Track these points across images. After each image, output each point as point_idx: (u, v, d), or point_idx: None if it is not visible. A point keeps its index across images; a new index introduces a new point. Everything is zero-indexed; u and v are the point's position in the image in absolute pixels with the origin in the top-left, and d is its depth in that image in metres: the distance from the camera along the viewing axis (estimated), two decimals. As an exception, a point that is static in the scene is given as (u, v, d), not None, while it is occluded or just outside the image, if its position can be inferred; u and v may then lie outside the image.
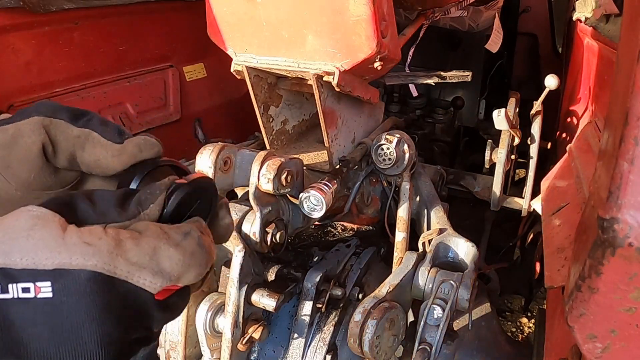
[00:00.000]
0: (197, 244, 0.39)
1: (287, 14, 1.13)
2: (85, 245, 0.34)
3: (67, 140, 0.45)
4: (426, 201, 1.35)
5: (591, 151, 1.19)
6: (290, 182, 1.09)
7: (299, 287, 1.16)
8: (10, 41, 1.53)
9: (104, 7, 1.75)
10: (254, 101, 1.31)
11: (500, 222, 2.11)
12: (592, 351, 0.58)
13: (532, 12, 2.75)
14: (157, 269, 0.36)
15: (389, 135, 1.27)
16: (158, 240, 0.37)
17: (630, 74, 0.47)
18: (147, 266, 0.36)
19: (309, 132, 1.53)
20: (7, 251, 0.34)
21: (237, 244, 1.05)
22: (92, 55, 1.79)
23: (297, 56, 1.19)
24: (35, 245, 0.34)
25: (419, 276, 1.04)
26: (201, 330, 1.10)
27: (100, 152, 0.45)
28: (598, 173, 0.56)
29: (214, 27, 1.26)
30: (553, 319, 1.13)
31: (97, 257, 0.34)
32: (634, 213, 0.46)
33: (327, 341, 1.13)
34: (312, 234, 1.52)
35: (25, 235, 0.34)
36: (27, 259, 0.34)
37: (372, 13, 1.05)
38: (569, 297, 0.58)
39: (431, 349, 0.95)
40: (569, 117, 1.74)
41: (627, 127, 0.46)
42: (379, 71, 1.21)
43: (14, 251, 0.34)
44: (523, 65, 2.83)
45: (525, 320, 2.59)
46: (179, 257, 0.37)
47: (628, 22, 0.55)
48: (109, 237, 0.35)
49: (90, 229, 0.35)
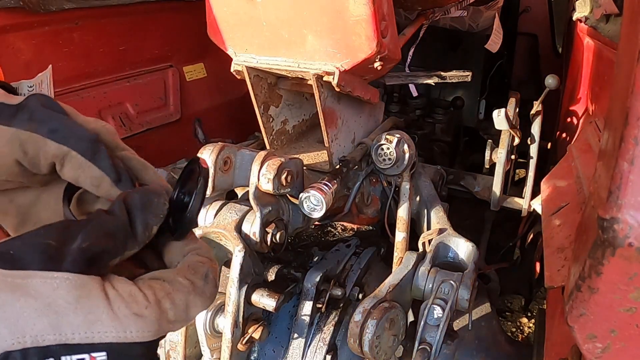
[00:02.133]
0: (214, 285, 0.42)
1: (287, 14, 1.13)
2: (136, 317, 0.36)
3: (45, 159, 0.43)
4: (426, 201, 1.35)
5: (591, 151, 1.19)
6: (290, 182, 1.09)
7: (299, 287, 1.16)
8: (10, 41, 1.53)
9: (104, 7, 1.75)
10: (254, 101, 1.31)
11: (500, 222, 2.10)
12: (592, 351, 0.58)
13: (532, 12, 2.75)
14: (187, 319, 0.40)
15: (389, 135, 1.27)
16: (188, 294, 0.39)
17: (630, 74, 0.47)
18: (182, 320, 0.39)
19: (309, 132, 1.53)
20: (56, 325, 0.33)
21: (237, 244, 1.05)
22: (92, 55, 1.79)
23: (297, 56, 1.19)
24: (86, 320, 0.34)
25: (419, 276, 1.04)
26: (201, 330, 1.10)
27: (80, 174, 0.44)
28: (598, 173, 0.56)
29: (214, 27, 1.26)
30: (553, 319, 1.13)
31: (148, 328, 0.36)
32: (634, 213, 0.46)
33: (327, 341, 1.13)
34: (312, 234, 1.52)
35: (73, 310, 0.34)
36: (81, 334, 0.34)
37: (372, 13, 1.05)
38: (569, 297, 0.58)
39: (431, 349, 0.95)
40: (569, 117, 1.74)
41: (627, 127, 0.46)
42: (379, 71, 1.21)
43: (63, 325, 0.33)
44: (523, 65, 2.83)
45: (525, 320, 2.59)
46: (203, 303, 0.41)
47: (628, 22, 0.55)
48: (151, 303, 0.37)
49: (130, 293, 0.36)
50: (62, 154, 0.43)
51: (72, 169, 0.43)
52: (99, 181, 0.43)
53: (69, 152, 0.43)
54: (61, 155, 0.43)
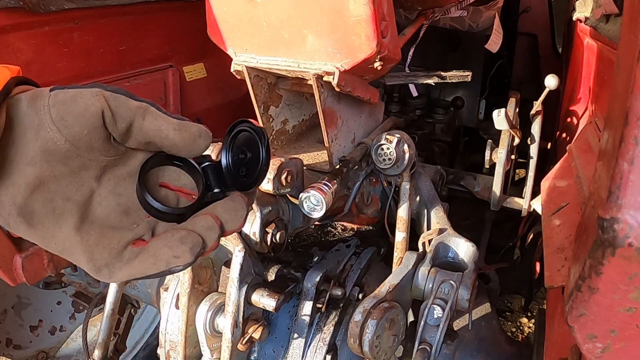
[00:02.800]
0: None
1: (287, 14, 1.13)
2: None
3: (128, 110, 0.47)
4: (426, 201, 1.35)
5: (591, 151, 1.19)
6: (290, 182, 1.09)
7: (299, 287, 1.16)
8: (10, 41, 1.52)
9: (104, 7, 1.75)
10: (254, 101, 1.31)
11: (500, 222, 2.11)
12: (592, 351, 0.58)
13: (532, 12, 2.75)
14: None
15: (389, 135, 1.27)
16: None
17: (630, 74, 0.47)
18: None
19: (309, 132, 1.53)
20: None
21: (237, 244, 1.05)
22: (92, 55, 1.79)
23: (297, 56, 1.19)
24: None
25: (419, 276, 1.04)
26: (201, 330, 1.10)
27: (162, 122, 0.48)
28: (598, 173, 0.56)
29: (214, 27, 1.26)
30: (553, 319, 1.13)
31: None
32: (634, 213, 0.46)
33: (327, 341, 1.13)
34: (312, 234, 1.52)
35: None
36: None
37: (372, 13, 1.05)
38: (569, 297, 0.58)
39: (431, 349, 0.95)
40: (569, 117, 1.74)
41: (627, 127, 0.46)
42: (379, 71, 1.21)
43: None
44: (523, 65, 2.83)
45: (525, 320, 2.59)
46: None
47: (628, 22, 0.55)
48: None
49: None
50: (144, 107, 0.48)
51: (153, 118, 0.48)
52: (180, 127, 0.48)
53: (149, 106, 0.48)
54: (144, 107, 0.48)
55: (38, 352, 1.91)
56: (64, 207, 0.48)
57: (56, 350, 1.97)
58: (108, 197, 0.50)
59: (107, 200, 0.50)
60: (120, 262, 0.49)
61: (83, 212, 0.49)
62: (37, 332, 1.93)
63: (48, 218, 0.47)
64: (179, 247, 0.48)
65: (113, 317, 1.41)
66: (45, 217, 0.47)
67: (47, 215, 0.47)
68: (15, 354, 1.84)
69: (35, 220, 0.47)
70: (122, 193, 0.51)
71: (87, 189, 0.49)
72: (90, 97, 0.46)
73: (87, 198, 0.49)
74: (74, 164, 0.48)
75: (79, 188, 0.49)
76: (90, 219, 0.49)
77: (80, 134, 0.46)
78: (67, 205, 0.48)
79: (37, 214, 0.47)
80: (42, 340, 1.94)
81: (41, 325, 1.95)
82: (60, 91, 0.46)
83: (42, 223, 0.47)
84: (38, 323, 1.94)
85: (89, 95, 0.46)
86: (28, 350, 1.89)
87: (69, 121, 0.45)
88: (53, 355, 1.95)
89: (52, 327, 1.98)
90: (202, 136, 0.49)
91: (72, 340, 2.01)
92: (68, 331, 2.02)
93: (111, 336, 1.44)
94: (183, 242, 0.48)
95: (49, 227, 0.48)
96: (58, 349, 1.98)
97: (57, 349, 1.98)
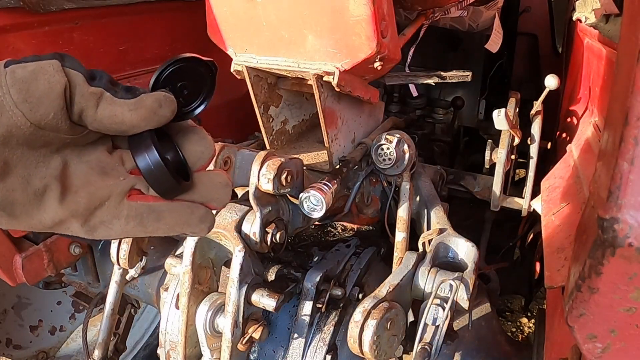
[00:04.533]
0: None
1: (287, 14, 1.13)
2: None
3: (81, 96, 0.45)
4: (426, 201, 1.35)
5: (591, 151, 1.19)
6: (290, 182, 1.09)
7: (299, 287, 1.16)
8: (10, 41, 1.52)
9: (104, 7, 1.75)
10: (254, 101, 1.31)
11: (500, 222, 2.10)
12: (592, 351, 0.58)
13: (532, 12, 2.75)
14: None
15: (389, 135, 1.27)
16: None
17: (630, 74, 0.47)
18: None
19: (309, 132, 1.53)
20: None
21: (237, 244, 1.05)
22: (92, 55, 1.79)
23: (297, 56, 1.19)
24: None
25: (419, 276, 1.04)
26: (201, 330, 1.10)
27: (116, 108, 0.46)
28: (598, 173, 0.56)
29: (214, 27, 1.26)
30: (553, 319, 1.13)
31: None
32: (634, 213, 0.46)
33: (327, 341, 1.13)
34: (312, 234, 1.52)
35: None
36: None
37: (372, 13, 1.05)
38: (569, 297, 0.58)
39: (431, 349, 0.95)
40: (569, 117, 1.74)
41: (627, 127, 0.46)
42: (379, 71, 1.21)
43: None
44: (523, 65, 2.83)
45: (525, 320, 2.59)
46: None
47: (628, 22, 0.55)
48: None
49: None
50: (98, 93, 0.46)
51: (107, 105, 0.46)
52: (135, 105, 0.47)
53: (103, 92, 0.46)
54: (98, 93, 0.46)
55: (38, 352, 1.91)
56: (44, 187, 0.46)
57: (56, 350, 1.97)
58: (78, 165, 0.49)
59: (79, 167, 0.48)
60: (117, 218, 0.48)
61: (63, 184, 0.47)
62: (37, 332, 1.93)
63: (31, 203, 0.46)
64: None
65: (113, 317, 1.41)
66: (29, 204, 0.45)
67: (30, 201, 0.45)
68: (15, 354, 1.84)
69: (18, 211, 0.45)
70: (88, 159, 0.49)
71: (57, 161, 0.47)
72: (53, 73, 0.43)
73: (62, 170, 0.47)
74: (36, 143, 0.45)
75: (49, 163, 0.47)
76: (73, 189, 0.48)
77: (47, 116, 0.43)
78: (45, 182, 0.46)
79: (19, 203, 0.45)
80: (42, 340, 1.95)
81: (41, 325, 1.95)
82: (17, 66, 0.42)
83: (26, 212, 0.46)
84: (38, 323, 1.94)
85: (51, 70, 0.43)
86: (28, 350, 1.89)
87: (33, 103, 0.42)
88: (53, 355, 1.96)
89: (52, 327, 1.98)
90: (163, 105, 0.48)
91: (72, 340, 2.01)
92: (68, 331, 2.02)
93: (111, 336, 1.44)
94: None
95: (33, 213, 0.46)
96: (58, 349, 1.98)
97: (57, 349, 1.98)
